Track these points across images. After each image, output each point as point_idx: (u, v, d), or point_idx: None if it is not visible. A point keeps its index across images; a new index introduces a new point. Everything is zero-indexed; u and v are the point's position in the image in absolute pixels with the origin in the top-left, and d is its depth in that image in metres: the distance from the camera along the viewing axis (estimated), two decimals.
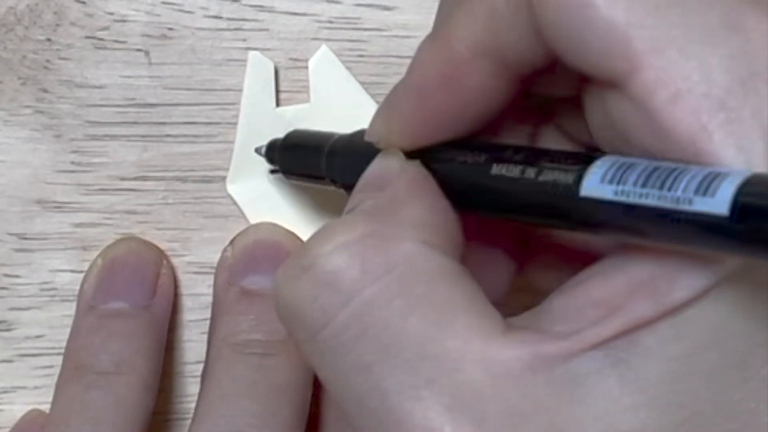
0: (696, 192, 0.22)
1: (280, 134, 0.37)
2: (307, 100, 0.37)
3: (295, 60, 0.37)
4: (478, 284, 0.25)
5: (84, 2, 0.36)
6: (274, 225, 0.37)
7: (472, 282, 0.25)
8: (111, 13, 0.37)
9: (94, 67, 0.37)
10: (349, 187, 0.29)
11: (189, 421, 0.34)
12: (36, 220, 0.37)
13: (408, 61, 0.37)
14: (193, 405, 0.35)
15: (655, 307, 0.23)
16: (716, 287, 0.23)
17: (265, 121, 0.37)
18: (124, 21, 0.37)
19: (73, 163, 0.37)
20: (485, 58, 0.26)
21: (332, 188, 0.33)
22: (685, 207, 0.22)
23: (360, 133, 0.30)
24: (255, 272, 0.36)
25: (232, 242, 0.37)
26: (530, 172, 0.25)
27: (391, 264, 0.25)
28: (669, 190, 0.22)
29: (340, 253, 0.25)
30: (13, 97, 0.37)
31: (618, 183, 0.23)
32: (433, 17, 0.37)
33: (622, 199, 0.23)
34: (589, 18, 0.24)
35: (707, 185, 0.22)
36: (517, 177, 0.26)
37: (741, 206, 0.21)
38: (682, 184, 0.22)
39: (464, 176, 0.27)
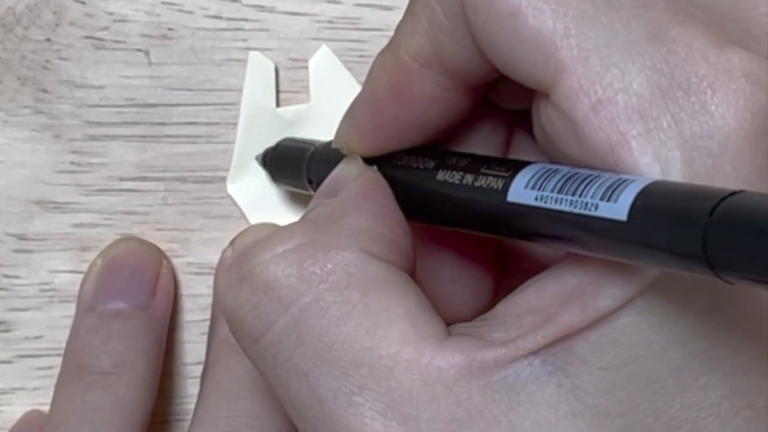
0: (602, 198, 0.22)
1: (281, 134, 0.37)
2: (307, 100, 0.37)
3: (296, 60, 0.37)
4: (421, 292, 0.26)
5: (84, 2, 0.36)
6: (274, 225, 0.37)
7: (414, 290, 0.26)
8: (111, 13, 0.37)
9: (94, 67, 0.37)
10: None
11: (189, 423, 0.34)
12: (35, 220, 0.37)
13: None
14: (192, 406, 0.35)
15: (583, 316, 0.24)
16: (645, 295, 0.23)
17: (265, 121, 0.37)
18: (124, 21, 0.37)
19: (72, 163, 0.37)
20: (431, 69, 0.27)
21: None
22: (590, 212, 0.22)
23: None
24: None
25: (232, 242, 0.37)
26: (468, 178, 0.26)
27: (327, 272, 0.25)
28: (580, 195, 0.23)
29: (278, 262, 0.25)
30: (12, 98, 0.36)
31: (539, 189, 0.24)
32: None
33: (541, 204, 0.23)
34: (517, 27, 0.24)
35: (612, 191, 0.22)
36: (458, 183, 0.26)
37: (633, 211, 0.21)
38: (592, 190, 0.22)
39: (413, 182, 0.28)
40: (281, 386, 0.26)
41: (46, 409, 0.36)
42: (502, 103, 0.29)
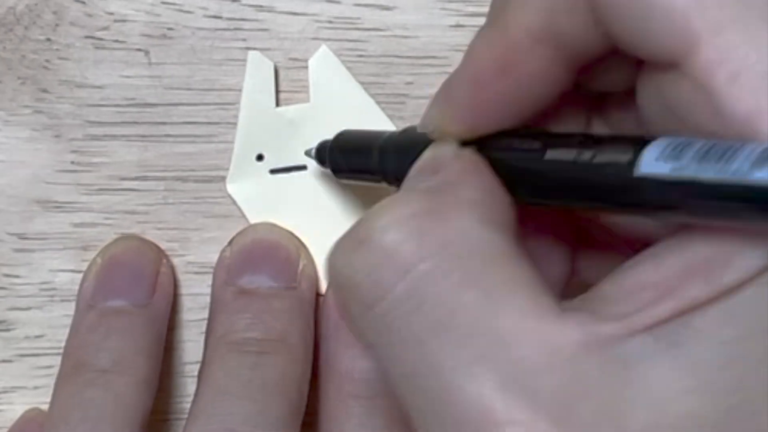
0: (754, 164, 0.22)
1: (280, 134, 0.37)
2: (307, 100, 0.37)
3: (295, 60, 0.37)
4: (534, 265, 0.25)
5: (84, 2, 0.36)
6: (273, 225, 0.37)
7: (529, 262, 0.25)
8: (111, 13, 0.37)
9: (94, 67, 0.37)
10: (402, 182, 0.29)
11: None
12: (36, 220, 0.37)
13: (408, 60, 0.37)
14: None
15: (708, 289, 0.23)
16: None
17: (265, 120, 0.37)
18: (124, 21, 0.37)
19: (73, 163, 0.37)
20: (544, 45, 0.26)
21: (384, 185, 0.32)
22: (742, 178, 0.22)
23: (411, 129, 0.31)
24: (253, 272, 0.36)
25: (230, 242, 0.37)
26: (586, 155, 0.25)
27: (447, 240, 0.25)
28: (727, 163, 0.22)
29: (397, 228, 0.25)
30: (12, 97, 0.37)
31: (676, 160, 0.23)
32: (432, 17, 0.37)
33: (679, 174, 0.23)
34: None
35: (766, 157, 0.21)
36: (572, 160, 0.25)
37: None
38: (740, 157, 0.22)
39: (518, 162, 0.27)
40: (394, 357, 0.25)
41: (46, 408, 0.36)
42: (592, 84, 0.28)
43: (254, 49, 0.37)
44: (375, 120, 0.37)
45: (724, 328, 0.23)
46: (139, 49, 0.37)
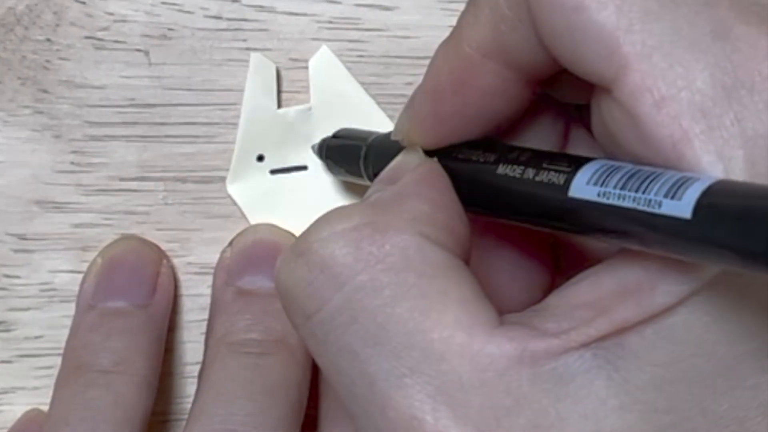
0: (666, 195, 0.22)
1: (281, 135, 0.37)
2: (308, 101, 0.37)
3: (296, 60, 0.37)
4: (476, 280, 0.26)
5: (84, 2, 0.36)
6: (273, 226, 0.37)
7: (469, 277, 0.25)
8: (111, 14, 0.37)
9: (94, 68, 0.37)
10: None
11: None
12: (35, 220, 0.37)
13: (408, 61, 0.37)
14: None
15: (638, 311, 0.23)
16: (700, 294, 0.23)
17: (265, 121, 0.37)
18: (124, 21, 0.37)
19: (72, 163, 0.37)
20: (494, 61, 0.26)
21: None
22: (654, 209, 0.22)
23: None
24: (252, 272, 0.36)
25: (231, 243, 0.37)
26: (529, 173, 0.26)
27: (384, 253, 0.25)
28: (643, 192, 0.22)
29: (335, 240, 0.25)
30: (12, 98, 0.37)
31: (602, 185, 0.24)
32: (432, 17, 0.37)
33: (603, 200, 0.23)
34: (580, 21, 0.24)
35: (676, 189, 0.22)
36: (518, 176, 0.26)
37: (698, 209, 0.21)
38: (655, 188, 0.22)
39: (473, 174, 0.28)
40: (332, 365, 0.26)
41: (46, 408, 0.36)
42: (561, 97, 0.29)
43: (254, 49, 0.37)
44: (375, 120, 0.37)
45: (656, 350, 0.23)
46: (139, 50, 0.37)
